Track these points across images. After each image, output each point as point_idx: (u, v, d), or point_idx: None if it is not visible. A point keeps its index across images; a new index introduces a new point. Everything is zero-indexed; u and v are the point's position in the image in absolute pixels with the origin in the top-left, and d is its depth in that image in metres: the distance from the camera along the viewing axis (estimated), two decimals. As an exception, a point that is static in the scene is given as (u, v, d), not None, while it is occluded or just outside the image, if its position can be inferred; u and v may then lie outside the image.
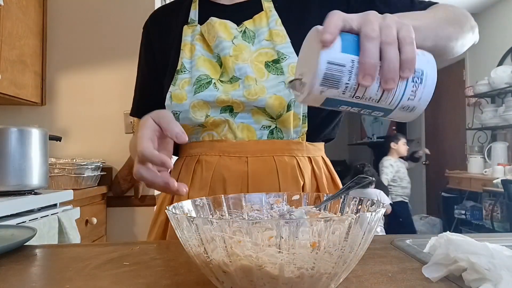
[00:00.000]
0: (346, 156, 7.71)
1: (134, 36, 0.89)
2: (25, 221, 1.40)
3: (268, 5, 0.79)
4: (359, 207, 0.47)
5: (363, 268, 0.47)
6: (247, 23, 0.78)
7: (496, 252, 0.40)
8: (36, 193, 1.59)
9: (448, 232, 0.46)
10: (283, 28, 0.77)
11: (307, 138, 0.77)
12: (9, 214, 1.36)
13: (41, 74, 2.26)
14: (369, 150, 7.07)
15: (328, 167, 0.83)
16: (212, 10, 0.81)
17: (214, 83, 0.74)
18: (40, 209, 1.55)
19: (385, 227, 3.49)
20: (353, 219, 0.34)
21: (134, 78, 0.92)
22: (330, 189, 0.80)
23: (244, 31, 0.78)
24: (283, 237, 0.33)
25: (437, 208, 4.68)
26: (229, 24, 0.78)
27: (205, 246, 0.36)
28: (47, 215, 1.55)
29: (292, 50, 0.74)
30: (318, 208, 0.50)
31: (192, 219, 0.36)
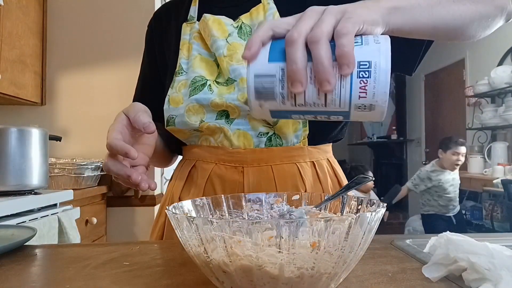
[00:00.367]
0: (346, 156, 7.71)
1: (134, 36, 0.89)
2: (25, 221, 1.40)
3: None
4: (359, 207, 0.47)
5: (363, 268, 0.47)
6: (244, 18, 0.74)
7: (496, 252, 0.40)
8: (36, 193, 1.59)
9: (448, 232, 0.46)
10: None
11: (310, 142, 0.73)
12: (9, 214, 1.36)
13: (41, 74, 2.26)
14: (369, 150, 7.07)
15: (334, 169, 0.79)
16: (210, 6, 0.78)
17: (209, 84, 0.70)
18: (40, 209, 1.55)
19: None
20: (353, 219, 0.34)
21: (135, 78, 0.91)
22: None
23: (240, 27, 0.73)
24: (283, 237, 0.33)
25: (437, 208, 4.67)
26: (224, 20, 0.74)
27: (205, 246, 0.36)
28: (47, 215, 1.55)
29: None
30: (318, 208, 0.50)
31: (192, 219, 0.36)
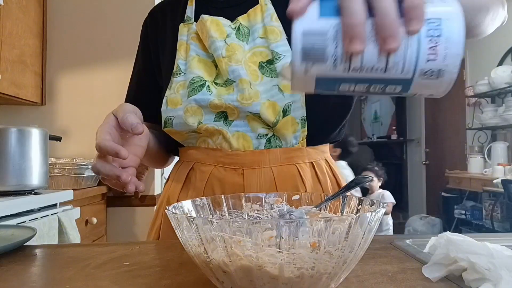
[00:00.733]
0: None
1: (134, 36, 0.88)
2: (25, 221, 1.40)
3: None
4: (359, 207, 0.47)
5: (363, 268, 0.47)
6: (241, 19, 0.73)
7: (496, 252, 0.40)
8: (36, 193, 1.59)
9: (448, 232, 0.46)
10: (279, 23, 0.71)
11: (308, 143, 0.73)
12: (9, 214, 1.36)
13: (41, 74, 2.26)
14: (369, 150, 7.07)
15: (332, 170, 0.79)
16: (207, 6, 0.77)
17: (208, 85, 0.69)
18: (40, 209, 1.55)
19: None
20: (353, 219, 0.34)
21: (135, 78, 0.91)
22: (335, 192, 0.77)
23: (238, 28, 0.73)
24: (283, 237, 0.33)
25: (437, 208, 4.68)
26: (222, 21, 0.73)
27: (205, 246, 0.36)
28: (47, 215, 1.55)
29: (288, 48, 0.69)
30: (318, 208, 0.50)
31: (192, 219, 0.36)
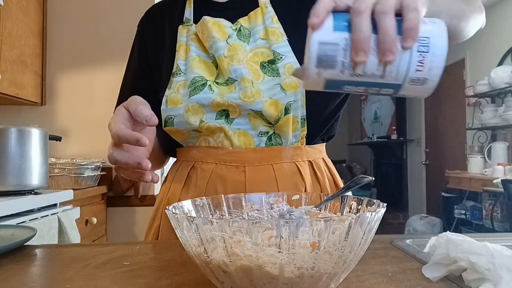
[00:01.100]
0: (346, 156, 7.72)
1: (134, 36, 0.88)
2: (25, 221, 1.40)
3: (264, 1, 0.75)
4: (359, 207, 0.47)
5: (363, 268, 0.47)
6: (242, 21, 0.75)
7: (496, 252, 0.40)
8: (36, 193, 1.59)
9: (448, 232, 0.46)
10: (280, 25, 0.73)
11: (307, 142, 0.75)
12: (9, 214, 1.36)
13: (41, 74, 2.26)
14: (369, 150, 7.08)
15: (330, 169, 0.80)
16: (206, 8, 0.78)
17: (210, 85, 0.70)
18: (40, 209, 1.55)
19: None
20: (353, 219, 0.34)
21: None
22: (333, 191, 0.76)
23: (239, 29, 0.74)
24: (283, 237, 0.33)
25: (437, 208, 4.68)
26: (223, 22, 0.74)
27: (205, 246, 0.36)
28: (47, 215, 1.55)
29: (289, 49, 0.71)
30: (318, 208, 0.50)
31: (192, 219, 0.36)
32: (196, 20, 0.77)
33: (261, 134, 0.71)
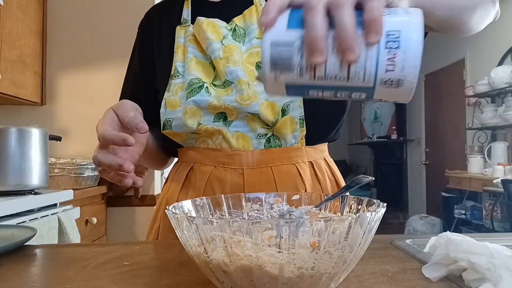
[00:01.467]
0: (346, 156, 7.72)
1: (134, 36, 0.88)
2: (25, 221, 1.40)
3: None
4: (359, 207, 0.47)
5: (363, 268, 0.47)
6: (237, 20, 0.74)
7: (496, 252, 0.40)
8: (36, 193, 1.59)
9: (448, 232, 0.46)
10: None
11: (307, 142, 0.74)
12: (9, 214, 1.36)
13: (41, 74, 2.26)
14: (369, 150, 7.08)
15: (331, 169, 0.79)
16: (203, 8, 0.77)
17: (207, 87, 0.70)
18: (40, 209, 1.55)
19: None
20: (353, 219, 0.34)
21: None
22: (334, 191, 0.76)
23: (234, 29, 0.73)
24: (283, 237, 0.33)
25: (437, 208, 4.68)
26: (218, 23, 0.73)
27: (205, 246, 0.36)
28: (47, 215, 1.55)
29: None
30: (318, 208, 0.50)
31: (192, 219, 0.36)
32: (193, 21, 0.76)
33: (260, 137, 0.71)
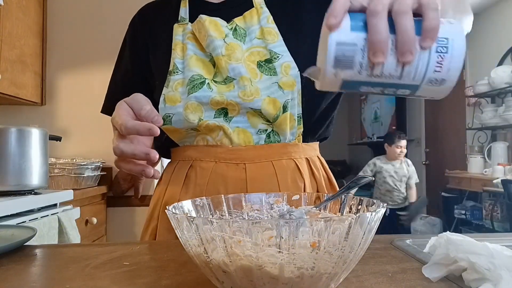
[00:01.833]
0: (346, 156, 7.71)
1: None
2: (25, 221, 1.40)
3: (259, 1, 0.76)
4: (359, 207, 0.47)
5: (363, 268, 0.47)
6: (237, 21, 0.75)
7: (496, 252, 0.40)
8: (36, 193, 1.59)
9: (448, 232, 0.46)
10: (275, 25, 0.74)
11: (303, 139, 0.76)
12: (9, 214, 1.36)
13: (41, 74, 2.26)
14: (369, 150, 7.07)
15: (324, 167, 0.81)
16: (202, 8, 0.78)
17: (208, 83, 0.71)
18: (40, 209, 1.55)
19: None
20: (353, 219, 0.34)
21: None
22: (328, 190, 0.79)
23: (234, 29, 0.75)
24: (283, 237, 0.33)
25: (437, 208, 4.68)
26: (220, 21, 0.75)
27: (205, 246, 0.36)
28: (47, 215, 1.55)
29: (285, 48, 0.72)
30: (318, 208, 0.50)
31: (192, 219, 0.36)
32: (191, 19, 0.77)
33: (260, 132, 0.72)
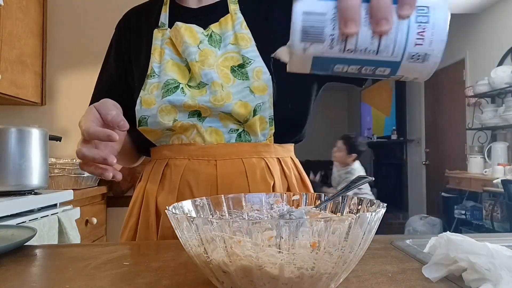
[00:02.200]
0: (346, 156, 7.70)
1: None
2: (25, 221, 1.40)
3: (234, 8, 0.79)
4: (359, 207, 0.47)
5: (363, 268, 0.47)
6: (213, 27, 0.78)
7: (496, 252, 0.40)
8: (36, 193, 1.59)
9: (448, 232, 0.46)
10: (249, 31, 0.77)
11: (276, 140, 0.78)
12: (9, 214, 1.36)
13: (41, 74, 2.26)
14: (369, 150, 7.07)
15: (297, 167, 0.84)
16: (181, 13, 0.81)
17: (182, 88, 0.74)
18: (40, 209, 1.55)
19: None
20: (353, 219, 0.34)
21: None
22: (299, 188, 0.81)
23: (210, 35, 0.78)
24: (283, 237, 0.33)
25: (437, 208, 4.68)
26: (195, 28, 0.78)
27: (205, 246, 0.36)
28: (47, 215, 1.55)
29: (257, 54, 0.74)
30: (318, 208, 0.50)
31: (192, 219, 0.36)
32: (171, 25, 0.80)
33: (232, 131, 0.75)
